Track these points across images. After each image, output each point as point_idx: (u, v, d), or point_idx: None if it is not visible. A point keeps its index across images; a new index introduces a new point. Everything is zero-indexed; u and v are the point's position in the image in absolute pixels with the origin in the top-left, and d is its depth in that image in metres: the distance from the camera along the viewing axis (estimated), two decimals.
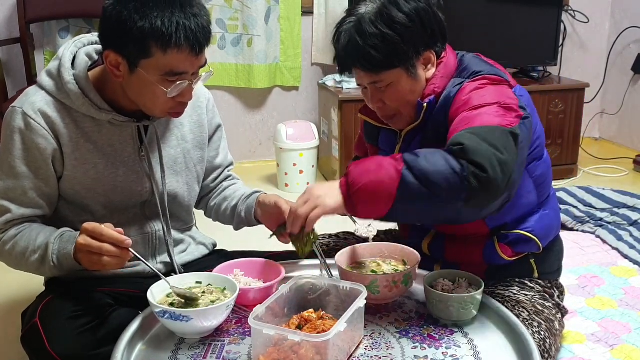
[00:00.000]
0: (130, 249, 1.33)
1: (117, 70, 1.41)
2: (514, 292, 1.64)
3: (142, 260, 1.37)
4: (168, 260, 1.66)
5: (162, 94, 1.41)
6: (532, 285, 1.68)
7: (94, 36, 1.55)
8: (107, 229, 1.32)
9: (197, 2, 1.39)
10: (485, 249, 1.64)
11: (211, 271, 1.50)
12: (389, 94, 1.55)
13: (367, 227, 1.60)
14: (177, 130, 1.64)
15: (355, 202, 1.32)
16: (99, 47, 1.52)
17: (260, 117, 3.92)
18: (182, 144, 1.65)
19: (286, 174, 3.47)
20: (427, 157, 1.30)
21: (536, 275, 1.70)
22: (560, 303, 1.74)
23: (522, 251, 1.64)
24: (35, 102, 1.46)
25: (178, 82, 1.40)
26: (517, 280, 1.68)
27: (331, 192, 1.34)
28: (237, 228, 1.75)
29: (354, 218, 1.52)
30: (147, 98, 1.44)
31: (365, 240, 1.68)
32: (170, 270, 1.65)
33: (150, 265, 1.40)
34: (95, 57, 1.52)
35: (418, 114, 1.57)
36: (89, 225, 1.34)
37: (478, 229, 1.62)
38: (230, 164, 1.84)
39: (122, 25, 1.34)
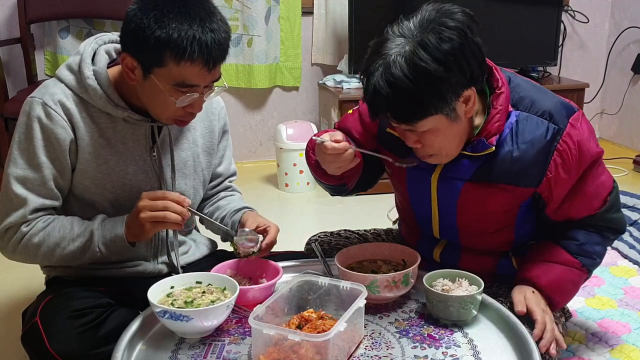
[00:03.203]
0: (190, 208, 1.46)
1: (132, 73, 1.43)
2: None
3: (202, 216, 1.63)
4: (168, 261, 1.66)
5: (171, 102, 1.43)
6: None
7: (114, 35, 1.57)
8: (164, 192, 1.45)
9: (218, 17, 1.41)
10: (500, 261, 1.65)
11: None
12: (428, 138, 1.42)
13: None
14: (189, 133, 1.65)
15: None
16: (119, 46, 1.54)
17: (260, 117, 3.92)
18: (192, 147, 1.65)
19: (286, 174, 3.47)
20: (598, 256, 1.62)
21: None
22: (565, 307, 1.74)
23: None
24: (54, 93, 1.48)
25: (188, 94, 1.42)
26: None
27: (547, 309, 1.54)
28: (223, 240, 1.75)
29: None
30: (157, 104, 1.46)
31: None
32: (171, 270, 1.65)
33: (216, 222, 1.64)
34: (114, 55, 1.54)
35: (476, 149, 1.47)
36: (148, 193, 1.45)
37: (503, 246, 1.64)
38: (232, 175, 1.83)
39: (140, 31, 1.36)
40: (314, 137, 1.53)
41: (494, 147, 1.46)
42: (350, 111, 1.73)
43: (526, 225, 1.62)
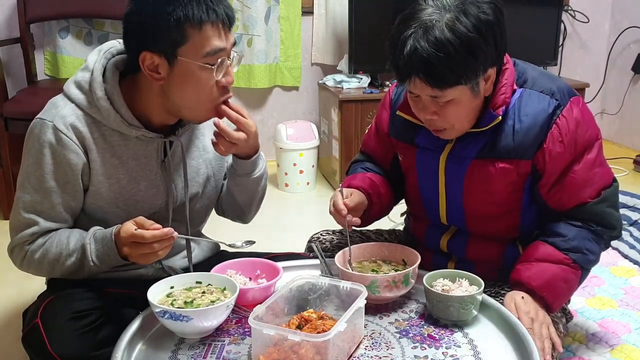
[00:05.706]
0: (174, 233, 1.38)
1: (156, 73, 1.40)
2: None
3: (189, 238, 1.58)
4: (169, 264, 1.66)
5: (206, 79, 1.41)
6: None
7: (120, 44, 1.52)
8: (147, 232, 1.35)
9: None
10: (507, 250, 1.66)
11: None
12: (449, 110, 1.47)
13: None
14: (198, 141, 1.63)
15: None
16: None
17: (260, 117, 3.92)
18: (203, 154, 1.64)
19: (286, 174, 3.47)
20: (591, 252, 1.58)
21: None
22: (566, 308, 1.75)
23: None
24: (65, 115, 1.44)
25: (220, 60, 1.40)
26: None
27: (542, 312, 1.53)
28: (238, 196, 1.70)
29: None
30: (193, 91, 1.42)
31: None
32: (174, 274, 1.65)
33: (192, 237, 1.57)
34: (122, 67, 1.50)
35: (483, 122, 1.53)
36: (125, 234, 1.37)
37: (510, 232, 1.66)
38: None
39: (154, 20, 1.35)
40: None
41: (500, 117, 1.51)
42: (367, 130, 1.87)
43: (532, 211, 1.64)
